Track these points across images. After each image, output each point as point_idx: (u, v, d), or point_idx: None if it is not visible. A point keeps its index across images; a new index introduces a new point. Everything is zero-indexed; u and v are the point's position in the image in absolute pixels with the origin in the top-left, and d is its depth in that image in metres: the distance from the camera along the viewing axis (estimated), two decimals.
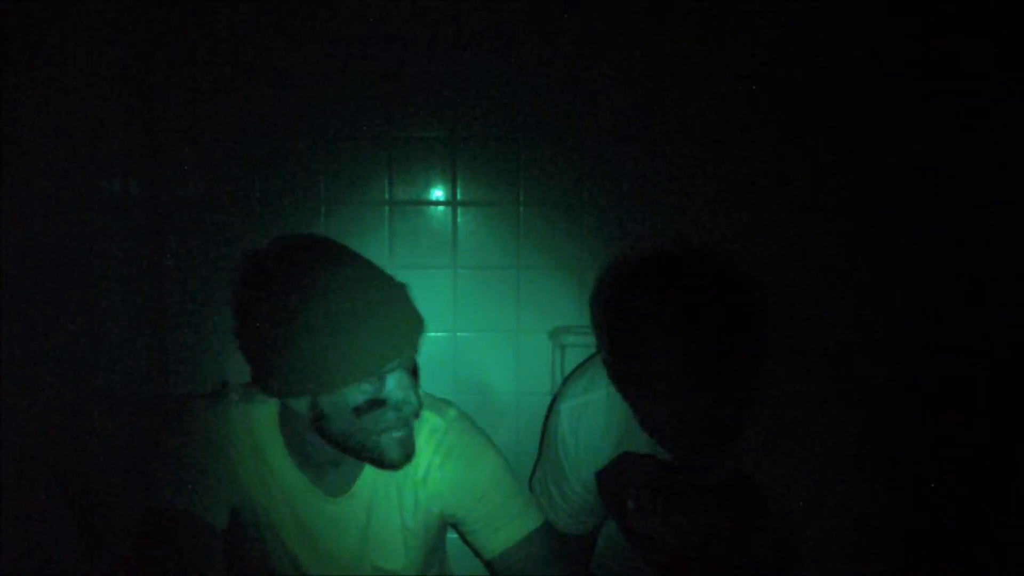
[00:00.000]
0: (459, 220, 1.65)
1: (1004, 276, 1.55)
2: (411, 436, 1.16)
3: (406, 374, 1.14)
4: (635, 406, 1.15)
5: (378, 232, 1.64)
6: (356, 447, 1.15)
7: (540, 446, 1.49)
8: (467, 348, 1.67)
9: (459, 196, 1.64)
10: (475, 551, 1.31)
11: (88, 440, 1.25)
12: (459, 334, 1.67)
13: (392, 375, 1.12)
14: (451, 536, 1.46)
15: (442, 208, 1.65)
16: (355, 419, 1.12)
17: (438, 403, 1.31)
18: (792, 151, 1.61)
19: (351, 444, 1.15)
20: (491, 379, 1.68)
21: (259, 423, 1.23)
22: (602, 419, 1.30)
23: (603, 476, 1.30)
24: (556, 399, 1.40)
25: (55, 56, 1.17)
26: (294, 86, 1.58)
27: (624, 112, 1.61)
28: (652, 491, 1.23)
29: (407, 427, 1.15)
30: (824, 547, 1.16)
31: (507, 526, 1.26)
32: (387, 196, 1.64)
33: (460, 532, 1.33)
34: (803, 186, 1.62)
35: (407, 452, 1.16)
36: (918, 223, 1.60)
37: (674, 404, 1.07)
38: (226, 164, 1.59)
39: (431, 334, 1.21)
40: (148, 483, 1.19)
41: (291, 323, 1.07)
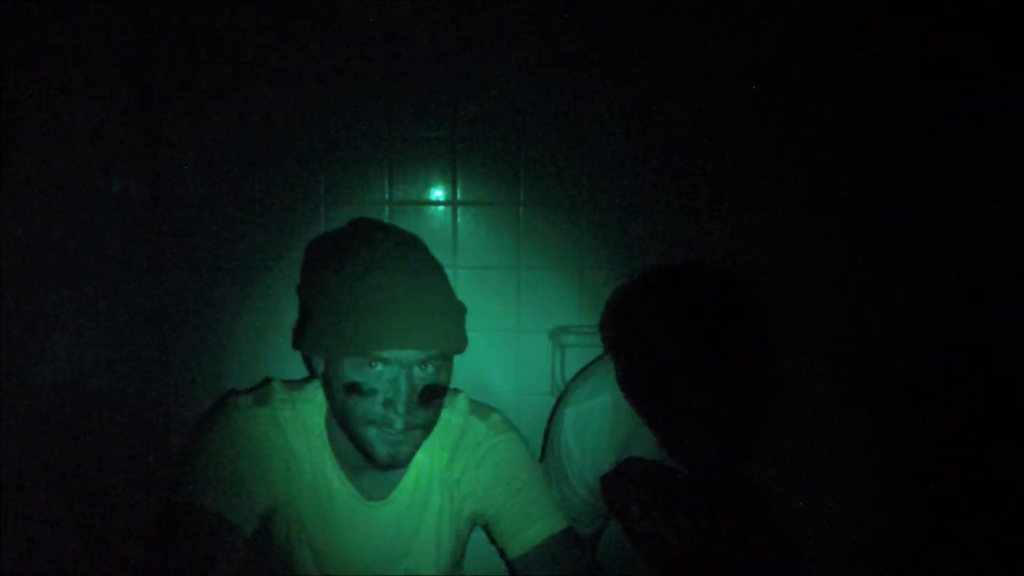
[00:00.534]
0: (459, 220, 1.65)
1: (1004, 276, 1.55)
2: (405, 444, 1.15)
3: (408, 379, 1.13)
4: (652, 423, 1.15)
5: None
6: (349, 430, 1.16)
7: (542, 450, 1.49)
8: (467, 348, 1.67)
9: (459, 196, 1.64)
10: (500, 550, 1.32)
11: (88, 440, 1.25)
12: None
13: (390, 369, 1.12)
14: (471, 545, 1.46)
15: (442, 208, 1.65)
16: (347, 398, 1.12)
17: (483, 408, 1.33)
18: (792, 151, 1.61)
19: (345, 425, 1.16)
20: (491, 379, 1.68)
21: (305, 423, 1.23)
22: (606, 424, 1.30)
23: (607, 480, 1.30)
24: (559, 404, 1.40)
25: (55, 56, 1.17)
26: (294, 86, 1.58)
27: (624, 112, 1.61)
28: (655, 493, 1.23)
29: (395, 432, 1.13)
30: (824, 547, 1.16)
31: (533, 526, 1.27)
32: (387, 196, 1.64)
33: (488, 532, 1.34)
34: (803, 186, 1.62)
35: (395, 456, 1.15)
36: (918, 223, 1.60)
37: (690, 418, 1.07)
38: (226, 164, 1.59)
39: None
40: (180, 478, 1.17)
41: (332, 282, 1.13)
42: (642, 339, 1.08)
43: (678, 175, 1.63)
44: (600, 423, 1.31)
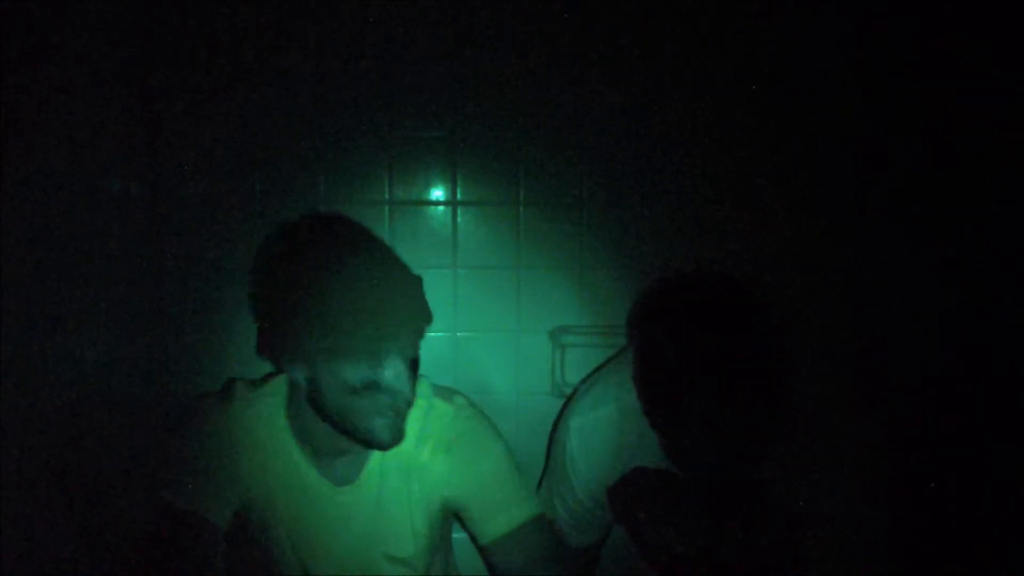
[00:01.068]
0: (459, 220, 1.65)
1: (1004, 276, 1.55)
2: (402, 422, 1.19)
3: (404, 365, 1.15)
4: (664, 432, 1.15)
5: (378, 232, 1.62)
6: (349, 426, 1.17)
7: (546, 460, 1.48)
8: (467, 348, 1.67)
9: (459, 196, 1.64)
10: (472, 538, 1.33)
11: (88, 440, 1.25)
12: (459, 334, 1.67)
13: (391, 362, 1.14)
14: (458, 536, 1.47)
15: (442, 208, 1.65)
16: (350, 398, 1.13)
17: (446, 391, 1.33)
18: (792, 151, 1.61)
19: (344, 422, 1.17)
20: (491, 379, 1.68)
21: (268, 417, 1.26)
22: (612, 435, 1.30)
23: (614, 491, 1.30)
24: (563, 414, 1.40)
25: (55, 56, 1.17)
26: (294, 86, 1.58)
27: (624, 112, 1.61)
28: (662, 501, 1.23)
29: (399, 415, 1.17)
30: (825, 547, 1.16)
31: (505, 512, 1.28)
32: (387, 196, 1.64)
33: (460, 520, 1.34)
34: (803, 186, 1.62)
35: (396, 436, 1.18)
36: (919, 223, 1.60)
37: (703, 431, 1.07)
38: (226, 164, 1.59)
39: (431, 334, 1.21)
40: (154, 483, 1.20)
41: (305, 289, 1.11)
42: (661, 338, 1.09)
43: (678, 175, 1.62)
44: (606, 434, 1.31)
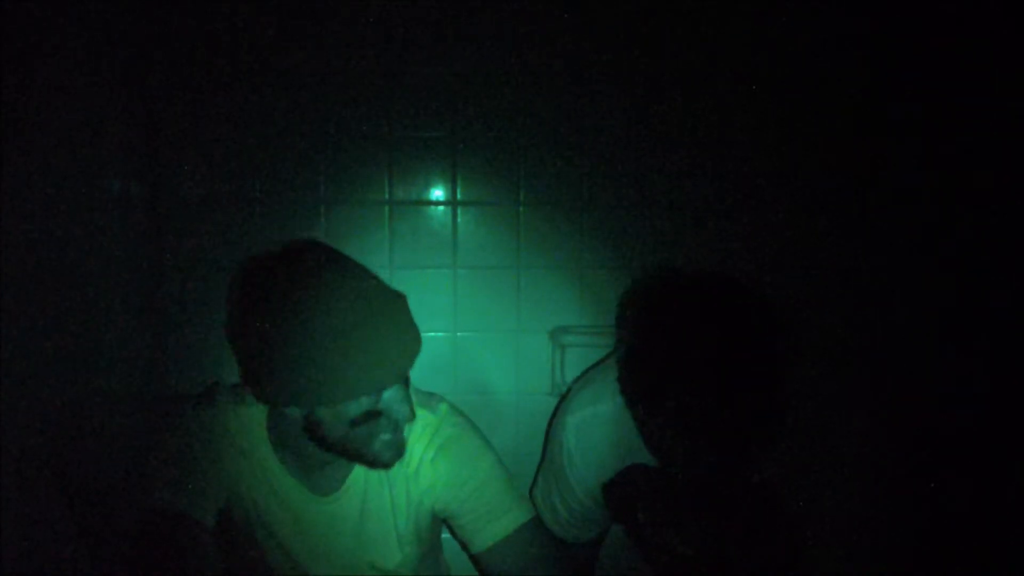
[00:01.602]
0: (459, 220, 1.65)
1: (1004, 276, 1.55)
2: (402, 436, 1.18)
3: (401, 385, 1.14)
4: (644, 425, 1.15)
5: (378, 232, 1.64)
6: (351, 452, 1.16)
7: (542, 455, 1.48)
8: (467, 348, 1.67)
9: (459, 196, 1.64)
10: (463, 545, 1.31)
11: (88, 440, 1.25)
12: (459, 334, 1.67)
13: (389, 387, 1.13)
14: (449, 538, 1.46)
15: (442, 208, 1.65)
16: (351, 429, 1.12)
17: (427, 397, 1.30)
18: (792, 151, 1.61)
19: (345, 452, 1.16)
20: (491, 379, 1.68)
21: (248, 426, 1.24)
22: (609, 431, 1.29)
23: (611, 488, 1.29)
24: (560, 411, 1.39)
25: (55, 56, 1.17)
26: (294, 86, 1.58)
27: (624, 112, 1.61)
28: (663, 501, 1.23)
29: (398, 430, 1.16)
30: (826, 547, 1.16)
31: (498, 520, 1.26)
32: (387, 196, 1.64)
33: (450, 527, 1.33)
34: (803, 186, 1.62)
35: (399, 452, 1.17)
36: (919, 223, 1.60)
37: (689, 425, 1.06)
38: (226, 164, 1.59)
39: (431, 334, 1.21)
40: (142, 484, 1.20)
41: (292, 333, 1.05)
42: (659, 339, 1.08)
43: (678, 175, 1.63)
44: (603, 430, 1.30)
